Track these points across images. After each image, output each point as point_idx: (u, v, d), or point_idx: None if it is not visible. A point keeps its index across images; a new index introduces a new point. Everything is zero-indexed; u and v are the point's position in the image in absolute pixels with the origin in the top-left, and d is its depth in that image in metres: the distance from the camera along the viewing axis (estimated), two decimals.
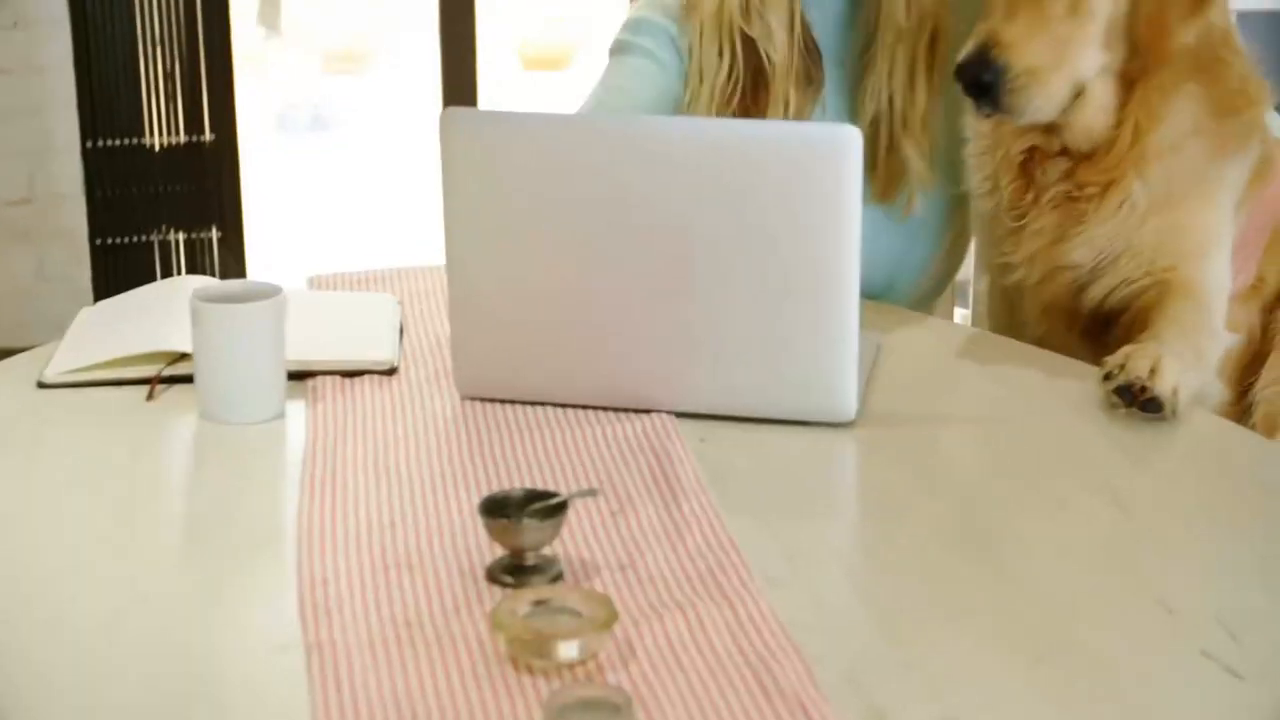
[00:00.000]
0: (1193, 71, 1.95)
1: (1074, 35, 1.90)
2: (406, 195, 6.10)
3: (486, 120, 1.72)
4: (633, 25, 2.28)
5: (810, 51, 2.21)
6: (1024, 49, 1.89)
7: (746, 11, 2.17)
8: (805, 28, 2.20)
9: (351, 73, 8.25)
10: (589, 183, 1.67)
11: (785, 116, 2.16)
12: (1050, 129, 1.99)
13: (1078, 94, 1.93)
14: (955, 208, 2.24)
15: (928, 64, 2.19)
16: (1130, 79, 1.95)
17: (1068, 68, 1.91)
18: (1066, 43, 1.90)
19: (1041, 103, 1.91)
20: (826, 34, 2.24)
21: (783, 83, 2.18)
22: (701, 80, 2.20)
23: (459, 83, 4.84)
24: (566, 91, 7.57)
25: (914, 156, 2.20)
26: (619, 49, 2.28)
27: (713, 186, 1.64)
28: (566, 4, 9.18)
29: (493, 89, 6.16)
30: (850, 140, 1.60)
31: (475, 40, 4.87)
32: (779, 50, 2.17)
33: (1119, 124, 1.95)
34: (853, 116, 2.22)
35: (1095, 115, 1.96)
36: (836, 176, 1.61)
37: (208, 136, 4.46)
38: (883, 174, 2.22)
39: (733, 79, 2.19)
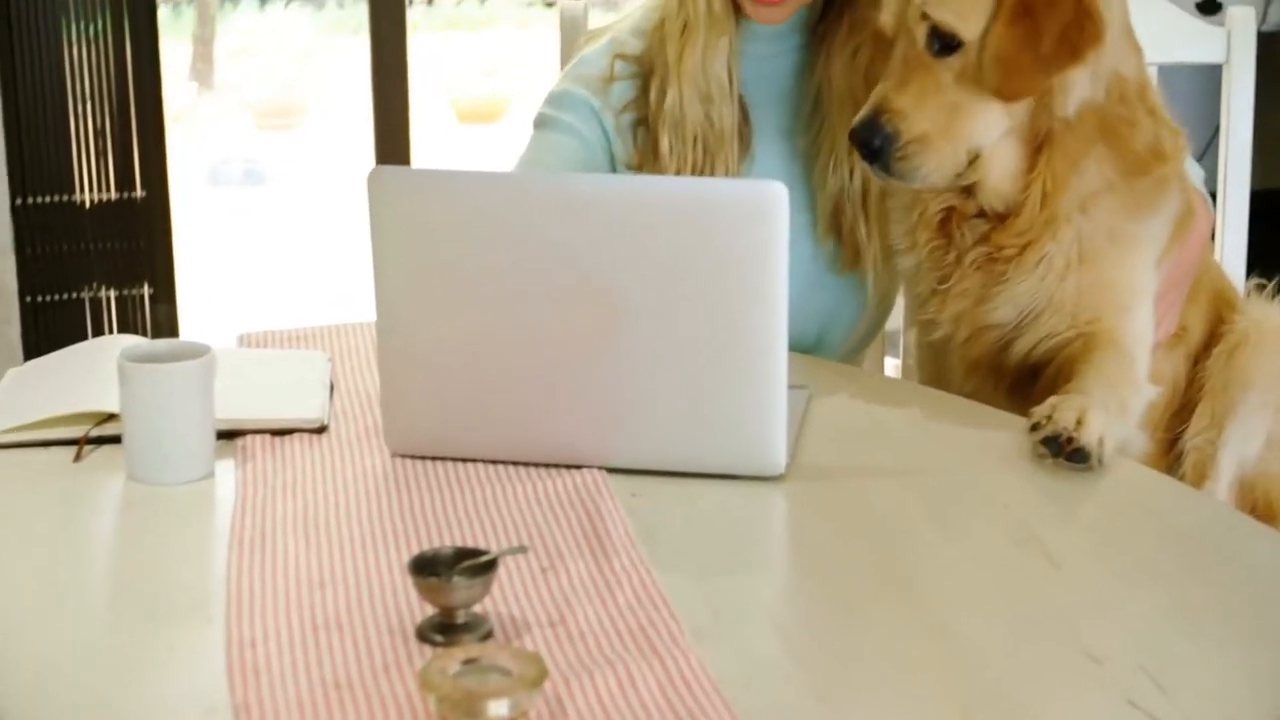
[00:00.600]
0: (1100, 133, 1.96)
1: (964, 103, 1.92)
2: (340, 250, 6.09)
3: (414, 179, 1.72)
4: (555, 99, 2.28)
5: (745, 116, 2.23)
6: (914, 116, 1.92)
7: (703, 73, 2.18)
8: (741, 95, 2.22)
9: (284, 127, 8.24)
10: (518, 240, 1.67)
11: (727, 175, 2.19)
12: (965, 189, 2.00)
13: (974, 159, 1.95)
14: (886, 259, 2.26)
15: None
16: (1038, 142, 1.96)
17: (959, 135, 1.93)
18: (957, 110, 1.92)
19: (930, 170, 1.93)
20: (769, 106, 2.26)
21: (729, 144, 2.20)
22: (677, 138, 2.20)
23: (392, 137, 4.84)
24: (501, 144, 7.58)
25: (869, 235, 2.22)
26: (541, 123, 2.29)
27: (642, 243, 1.65)
28: (499, 57, 9.22)
29: (427, 142, 6.17)
30: (777, 197, 1.61)
31: (408, 94, 4.87)
32: (726, 117, 2.19)
33: (1027, 186, 1.97)
34: (811, 192, 2.24)
35: (1003, 179, 1.98)
36: (764, 232, 1.62)
37: (139, 193, 4.44)
38: (849, 247, 2.25)
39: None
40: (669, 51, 2.19)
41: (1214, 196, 2.38)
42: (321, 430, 1.86)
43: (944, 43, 1.92)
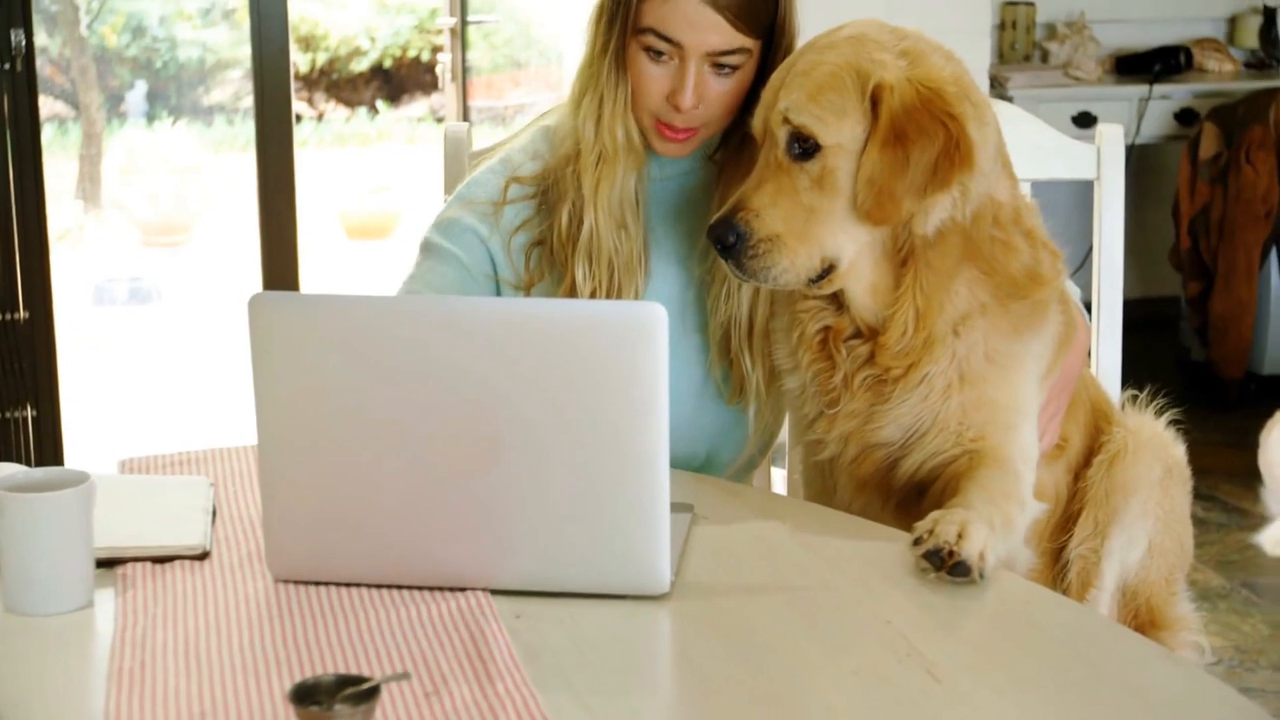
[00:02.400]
0: (970, 255, 1.99)
1: (819, 207, 1.96)
2: (227, 369, 6.05)
3: (295, 304, 1.72)
4: (443, 226, 2.27)
5: (644, 238, 2.25)
6: (768, 216, 1.95)
7: (620, 201, 2.20)
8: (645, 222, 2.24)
9: (172, 245, 8.20)
10: (399, 363, 1.67)
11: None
12: (840, 308, 2.03)
13: (829, 267, 1.98)
14: (770, 386, 2.27)
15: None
16: (903, 259, 1.99)
17: (812, 238, 1.96)
18: (811, 213, 1.96)
19: (782, 270, 1.96)
20: (667, 228, 2.28)
21: (637, 266, 2.22)
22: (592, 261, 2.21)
23: (279, 254, 4.83)
24: (391, 260, 7.59)
25: (753, 365, 2.24)
26: (427, 249, 2.28)
27: (522, 365, 1.66)
28: (389, 173, 9.25)
29: (316, 259, 6.17)
30: (656, 318, 1.63)
31: (295, 211, 4.87)
32: (635, 240, 2.22)
33: (896, 303, 1.99)
34: (705, 317, 2.26)
35: (868, 293, 2.01)
36: (644, 353, 1.64)
37: (22, 314, 4.39)
38: (735, 376, 2.26)
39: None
40: (585, 182, 2.19)
41: (1088, 307, 2.42)
42: (203, 556, 1.84)
43: (803, 147, 1.95)
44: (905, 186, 1.92)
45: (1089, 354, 2.34)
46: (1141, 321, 5.58)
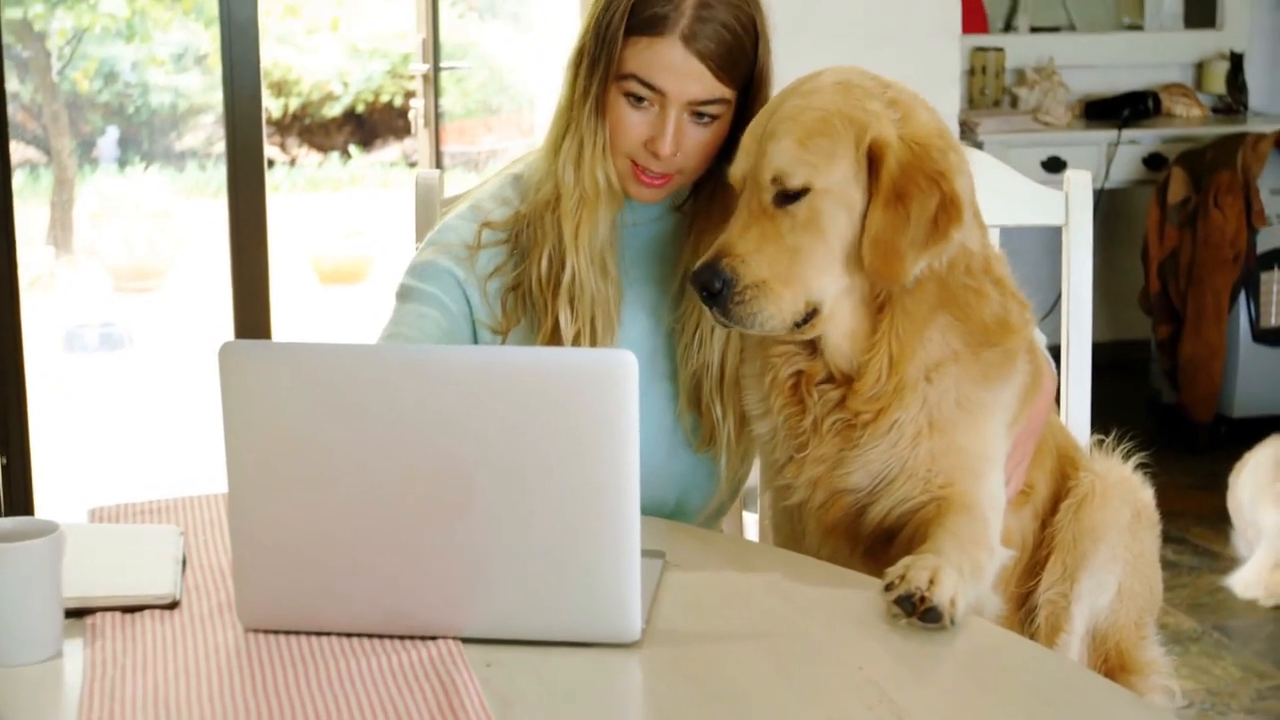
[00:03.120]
0: (944, 302, 2.00)
1: (803, 249, 1.96)
2: (198, 416, 6.03)
3: (266, 352, 1.72)
4: (419, 270, 2.27)
5: (617, 290, 2.26)
6: (753, 261, 1.95)
7: (600, 243, 2.21)
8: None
9: (143, 290, 8.19)
10: (369, 412, 1.68)
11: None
12: (813, 353, 2.04)
13: (813, 311, 1.99)
14: (740, 433, 2.27)
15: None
16: (879, 304, 2.00)
17: (797, 282, 1.96)
18: (796, 259, 1.96)
19: (768, 316, 1.96)
20: (638, 275, 2.28)
21: (614, 311, 2.23)
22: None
23: (251, 300, 4.82)
24: (363, 305, 7.59)
25: (724, 414, 2.24)
26: (404, 294, 2.27)
27: (493, 414, 1.66)
28: (362, 218, 9.25)
29: (288, 304, 6.16)
30: (627, 366, 1.64)
31: (267, 257, 4.86)
32: (612, 285, 2.22)
33: (872, 349, 2.01)
34: (675, 364, 2.27)
35: (845, 339, 2.01)
36: (614, 401, 1.64)
37: None
38: (706, 424, 2.27)
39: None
40: (566, 226, 2.19)
41: (1057, 351, 2.44)
42: (173, 606, 1.83)
43: (790, 191, 1.96)
44: (908, 243, 1.94)
45: (1056, 401, 2.35)
46: (1112, 365, 5.61)
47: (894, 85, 2.03)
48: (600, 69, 2.16)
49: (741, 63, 2.14)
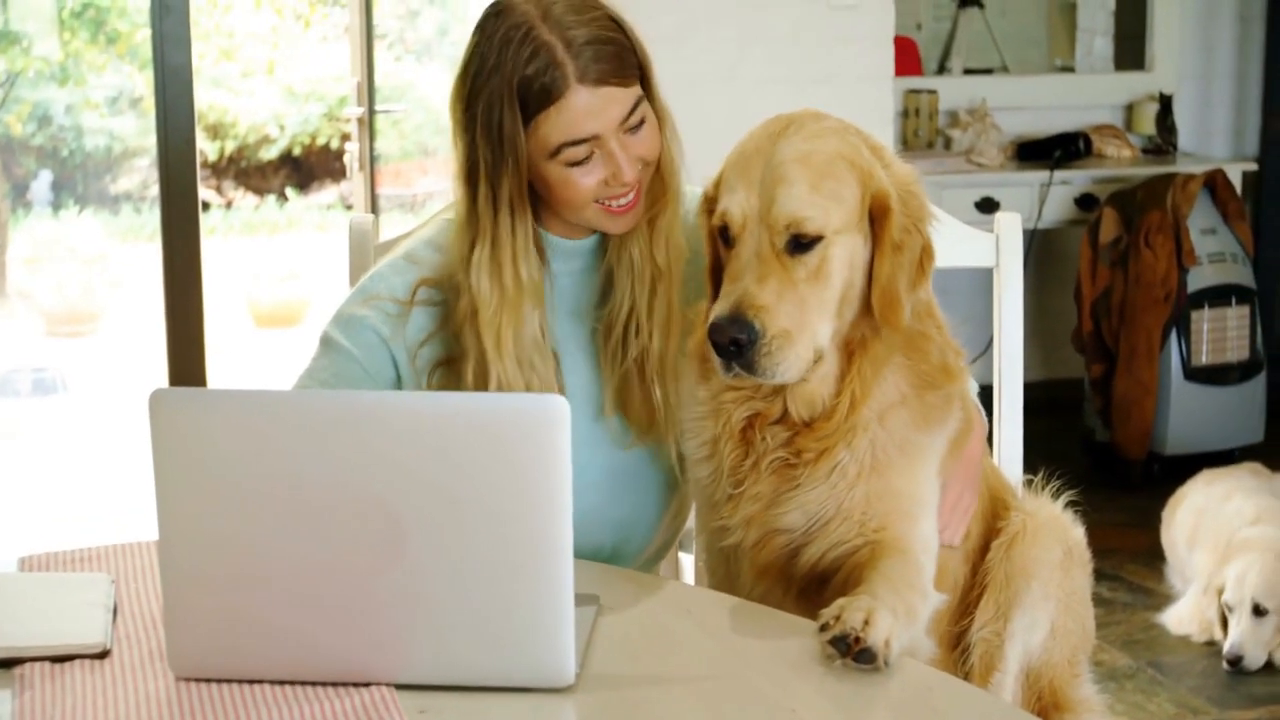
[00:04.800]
0: (901, 344, 2.04)
1: (814, 300, 1.97)
2: (133, 463, 5.99)
3: (196, 400, 1.71)
4: (344, 322, 2.24)
5: (557, 363, 2.25)
6: (776, 312, 1.94)
7: (528, 341, 2.19)
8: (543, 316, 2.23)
9: (77, 335, 8.13)
10: (301, 458, 1.67)
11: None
12: (774, 395, 2.04)
13: (818, 359, 2.00)
14: (683, 467, 2.27)
15: (681, 311, 2.24)
16: (850, 349, 2.02)
17: (810, 332, 1.96)
18: (807, 306, 1.96)
19: (788, 366, 1.95)
20: (575, 320, 2.28)
21: (552, 383, 2.22)
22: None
23: (185, 344, 4.80)
24: (300, 348, 7.54)
25: (666, 397, 2.24)
26: (326, 344, 2.25)
27: (426, 459, 1.66)
28: (297, 261, 9.22)
29: (223, 348, 6.12)
30: (558, 410, 1.64)
31: (202, 300, 4.84)
32: (549, 363, 2.22)
33: (839, 393, 2.02)
34: (608, 363, 2.25)
35: (822, 383, 2.02)
36: (546, 446, 1.64)
37: None
38: (642, 414, 2.26)
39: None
40: (486, 338, 2.16)
41: (990, 391, 2.46)
42: (104, 655, 1.82)
43: (800, 241, 1.96)
44: (906, 286, 2.00)
45: (990, 442, 2.36)
46: (1046, 404, 5.66)
47: (859, 129, 2.06)
48: (509, 171, 2.13)
49: (629, 57, 2.16)
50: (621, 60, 2.13)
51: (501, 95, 2.11)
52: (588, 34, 2.11)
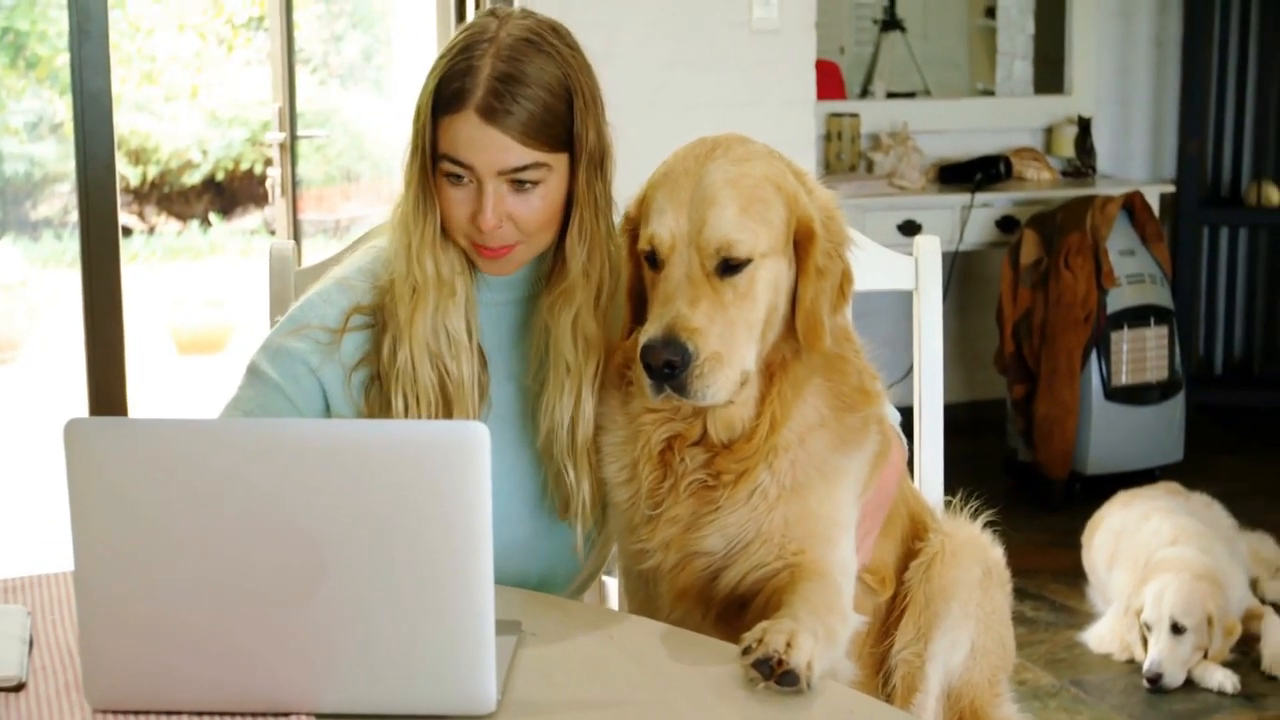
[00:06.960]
0: (820, 367, 2.05)
1: (742, 322, 1.97)
2: (52, 494, 5.92)
3: (112, 429, 1.70)
4: (272, 353, 2.22)
5: (484, 364, 2.24)
6: (709, 334, 1.94)
7: (435, 333, 2.18)
8: (480, 346, 2.23)
9: None
10: (218, 487, 1.66)
11: None
12: (693, 416, 2.05)
13: (744, 381, 2.00)
14: (595, 502, 2.24)
15: (592, 387, 2.21)
16: (770, 371, 2.04)
17: (739, 354, 1.97)
18: (736, 329, 1.97)
19: (720, 387, 1.95)
20: (503, 352, 2.27)
21: (469, 394, 2.20)
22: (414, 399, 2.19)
23: (106, 371, 4.76)
24: (223, 375, 7.49)
25: (577, 480, 2.21)
26: (253, 374, 2.23)
27: (344, 487, 1.65)
28: (221, 287, 9.17)
29: (145, 375, 6.08)
30: (478, 437, 1.64)
31: (123, 327, 4.80)
32: (465, 369, 2.20)
33: (759, 414, 2.03)
34: (531, 434, 2.24)
35: (741, 405, 2.03)
36: (466, 473, 1.64)
37: None
38: (561, 494, 2.23)
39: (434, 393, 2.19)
40: (400, 313, 2.17)
41: (910, 413, 2.47)
42: (19, 688, 1.80)
43: (730, 263, 1.96)
44: (825, 312, 2.02)
45: (910, 465, 2.38)
46: (969, 425, 5.70)
47: (779, 153, 2.07)
48: (419, 156, 2.15)
49: (554, 125, 2.13)
50: (536, 121, 2.11)
51: (432, 83, 2.14)
52: (516, 77, 2.10)
